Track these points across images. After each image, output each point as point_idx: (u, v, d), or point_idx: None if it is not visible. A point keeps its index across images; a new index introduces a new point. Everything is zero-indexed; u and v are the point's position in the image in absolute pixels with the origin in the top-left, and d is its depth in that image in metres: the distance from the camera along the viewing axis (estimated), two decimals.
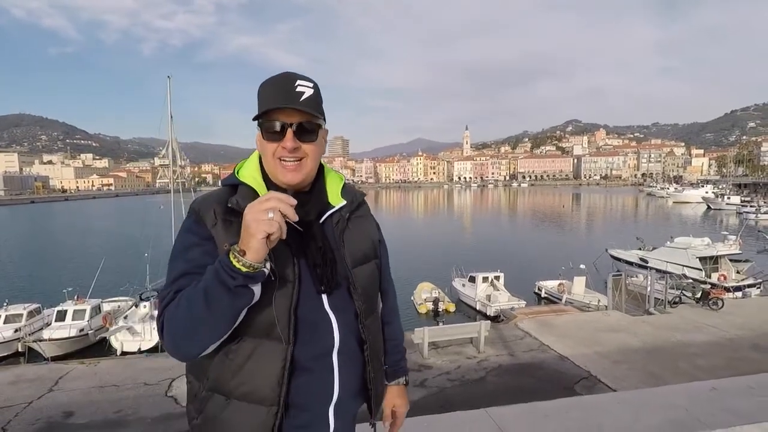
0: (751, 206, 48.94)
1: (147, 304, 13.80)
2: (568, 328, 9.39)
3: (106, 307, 14.64)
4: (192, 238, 0.99)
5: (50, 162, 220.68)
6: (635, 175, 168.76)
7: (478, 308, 15.77)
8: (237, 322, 0.92)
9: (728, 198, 60.06)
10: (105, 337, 12.75)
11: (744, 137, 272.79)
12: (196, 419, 1.03)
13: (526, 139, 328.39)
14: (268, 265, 0.89)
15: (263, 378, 0.96)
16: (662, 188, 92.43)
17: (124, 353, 12.00)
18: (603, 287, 13.77)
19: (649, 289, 11.14)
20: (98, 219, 62.17)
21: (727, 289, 14.76)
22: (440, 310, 15.71)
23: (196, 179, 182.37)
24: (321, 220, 1.06)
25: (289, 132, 0.98)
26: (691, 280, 14.91)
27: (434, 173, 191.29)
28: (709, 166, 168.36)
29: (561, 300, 15.45)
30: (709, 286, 13.35)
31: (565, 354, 7.88)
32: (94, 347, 12.82)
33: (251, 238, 0.84)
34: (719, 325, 9.02)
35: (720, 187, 76.72)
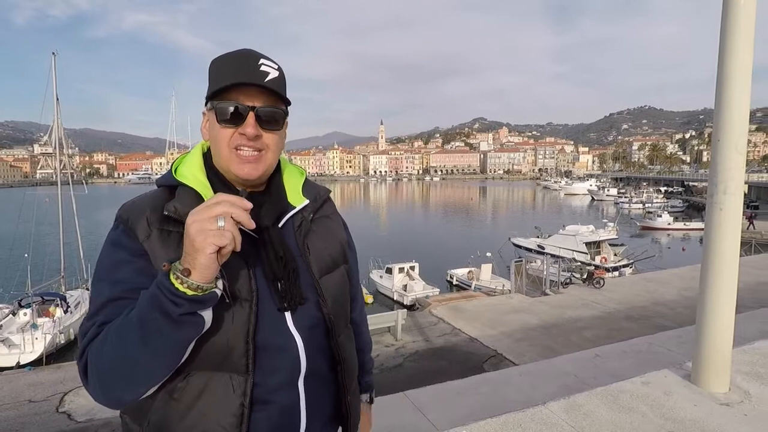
0: (625, 197, 56.40)
1: (27, 311, 12.10)
2: (477, 312, 10.11)
3: None
4: (120, 253, 0.81)
5: None
6: (533, 170, 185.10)
7: (395, 298, 16.22)
8: (183, 359, 0.76)
9: (608, 190, 68.83)
10: None
11: (620, 137, 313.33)
12: None
13: (438, 135, 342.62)
14: (220, 284, 0.74)
15: (218, 418, 0.79)
16: (555, 182, 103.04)
17: None
18: (507, 273, 15.02)
19: (545, 272, 12.41)
20: None
21: (607, 270, 16.96)
22: None
23: (88, 170, 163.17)
24: (280, 224, 0.91)
25: (251, 116, 0.83)
26: (579, 263, 16.89)
27: (350, 167, 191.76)
28: (593, 162, 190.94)
29: (471, 286, 16.53)
30: (593, 267, 15.23)
31: (475, 336, 8.51)
32: None
33: (198, 253, 0.69)
34: (601, 301, 10.36)
35: (602, 180, 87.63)
